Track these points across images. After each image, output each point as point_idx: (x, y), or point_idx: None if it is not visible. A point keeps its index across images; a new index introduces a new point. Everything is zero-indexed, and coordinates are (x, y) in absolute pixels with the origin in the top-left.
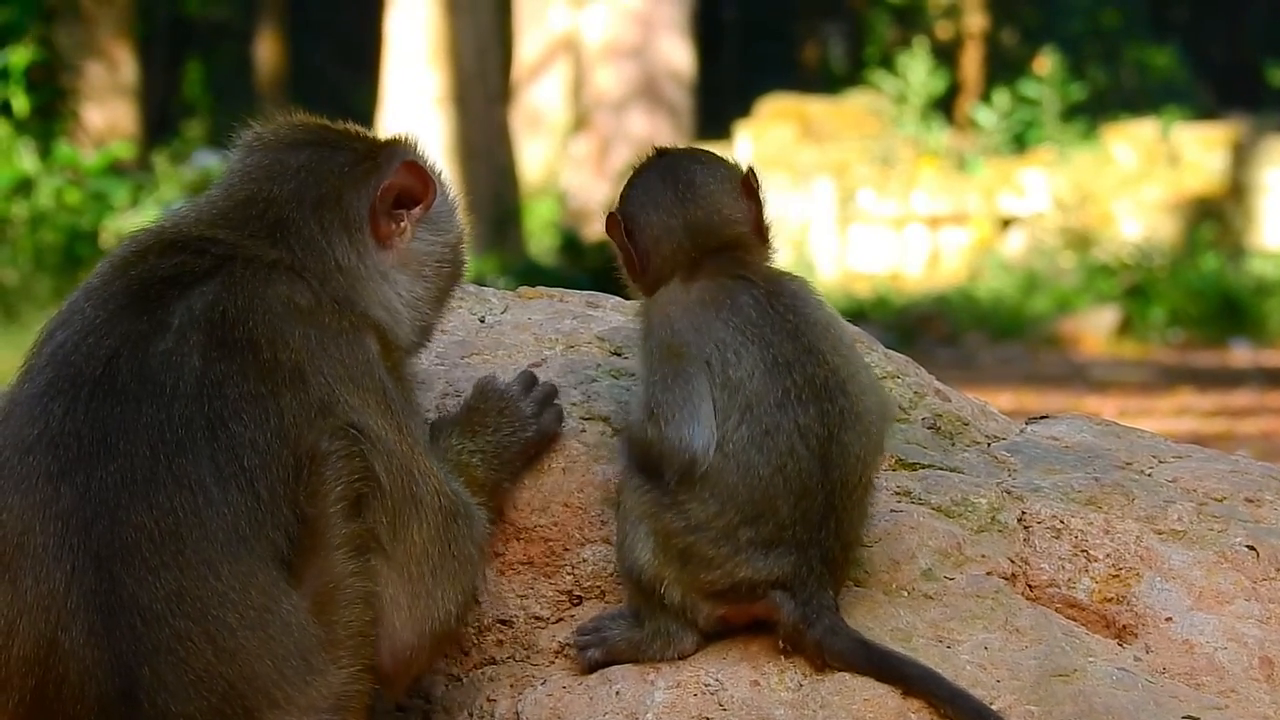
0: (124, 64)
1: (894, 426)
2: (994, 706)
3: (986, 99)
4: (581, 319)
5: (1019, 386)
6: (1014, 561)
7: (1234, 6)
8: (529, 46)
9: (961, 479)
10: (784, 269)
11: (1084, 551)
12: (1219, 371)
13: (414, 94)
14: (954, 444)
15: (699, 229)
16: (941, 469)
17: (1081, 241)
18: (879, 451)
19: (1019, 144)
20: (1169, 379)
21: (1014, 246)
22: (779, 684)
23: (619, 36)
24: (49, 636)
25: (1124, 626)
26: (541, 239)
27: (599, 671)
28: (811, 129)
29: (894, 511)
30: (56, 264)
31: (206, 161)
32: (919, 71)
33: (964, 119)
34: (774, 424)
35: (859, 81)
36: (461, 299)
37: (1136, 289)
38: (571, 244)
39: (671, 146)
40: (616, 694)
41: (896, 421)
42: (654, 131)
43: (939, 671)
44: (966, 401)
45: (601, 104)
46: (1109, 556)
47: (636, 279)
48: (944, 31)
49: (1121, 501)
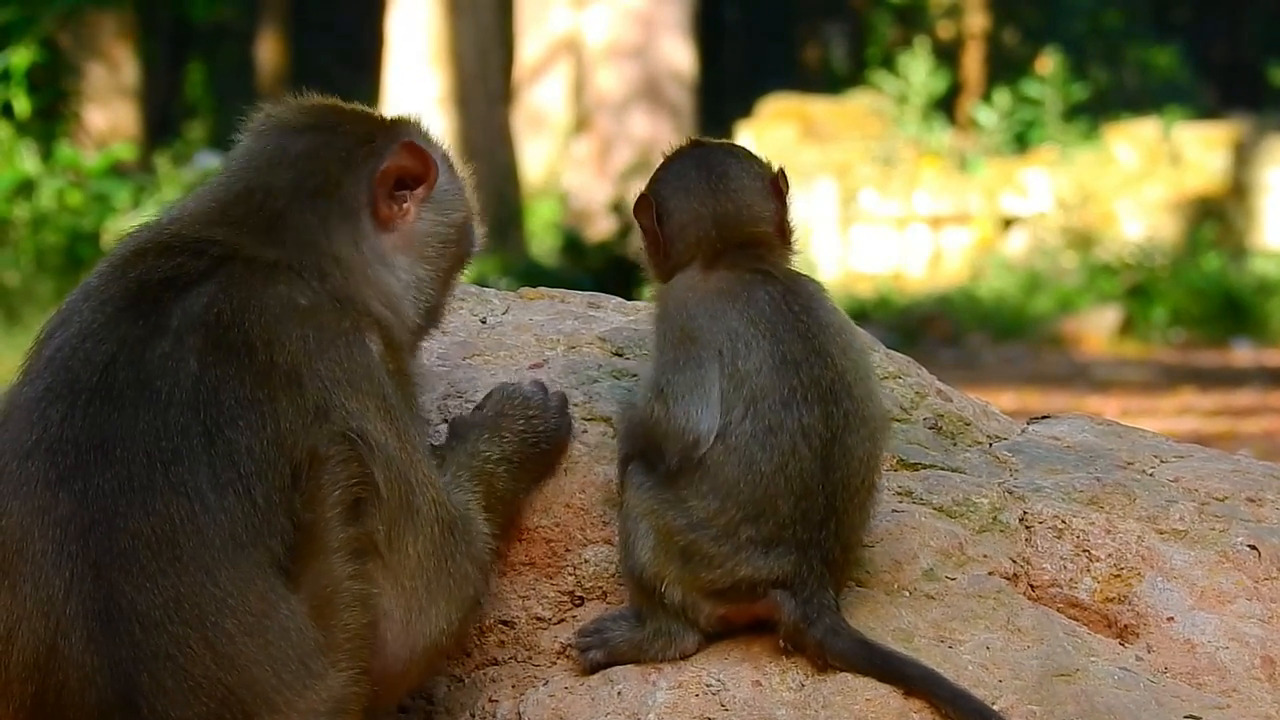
0: (125, 65)
1: (894, 428)
2: (996, 706)
3: (988, 99)
4: (583, 320)
5: (1021, 386)
6: (1016, 561)
7: (1235, 6)
8: (530, 47)
9: (963, 479)
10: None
11: (1086, 551)
12: (1221, 371)
13: (416, 95)
14: (955, 444)
15: (726, 221)
16: (943, 469)
17: (1083, 241)
18: (882, 456)
19: (1020, 144)
20: (1171, 379)
21: (1016, 246)
22: (781, 684)
23: (620, 37)
24: (48, 643)
25: (1126, 626)
26: (543, 240)
27: (601, 672)
28: (813, 129)
29: (895, 512)
30: (58, 265)
31: (208, 163)
32: (920, 71)
33: (965, 119)
34: (778, 422)
35: (860, 82)
36: (463, 299)
37: (1138, 289)
38: (573, 244)
39: (707, 139)
40: (618, 694)
41: (898, 422)
42: (655, 132)
43: (940, 672)
44: (968, 401)
45: (603, 105)
46: (1111, 556)
47: (657, 261)
48: (945, 31)
49: (1123, 501)
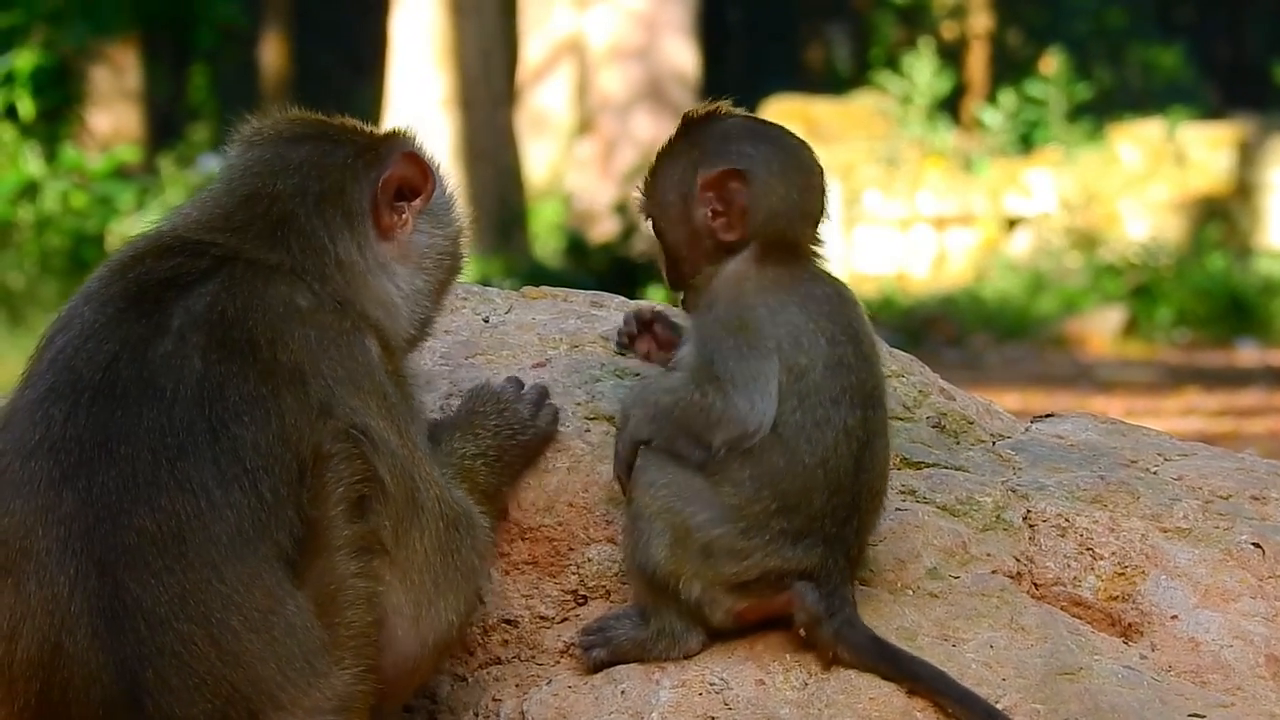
0: (129, 68)
1: (897, 426)
2: (1000, 705)
3: (992, 99)
4: (585, 319)
5: (1025, 387)
6: (1019, 560)
7: (1239, 6)
8: (534, 49)
9: (966, 478)
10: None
11: (1089, 550)
12: (1225, 371)
13: (419, 96)
14: (959, 442)
15: (808, 218)
16: (946, 468)
17: (1088, 242)
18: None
19: (1025, 144)
20: (1175, 379)
21: (1020, 247)
22: (784, 683)
23: (624, 39)
24: (53, 641)
25: (1130, 624)
26: (547, 241)
27: (604, 671)
28: (817, 130)
29: (899, 510)
30: (62, 268)
31: (212, 165)
32: (924, 72)
33: (970, 119)
34: (825, 418)
35: (864, 82)
36: (465, 299)
37: (1143, 289)
38: (577, 246)
39: (771, 121)
40: (622, 693)
41: (901, 420)
42: (659, 133)
43: (947, 672)
44: (971, 400)
45: (606, 106)
46: (1114, 555)
47: (716, 235)
48: (949, 32)
49: (1127, 500)
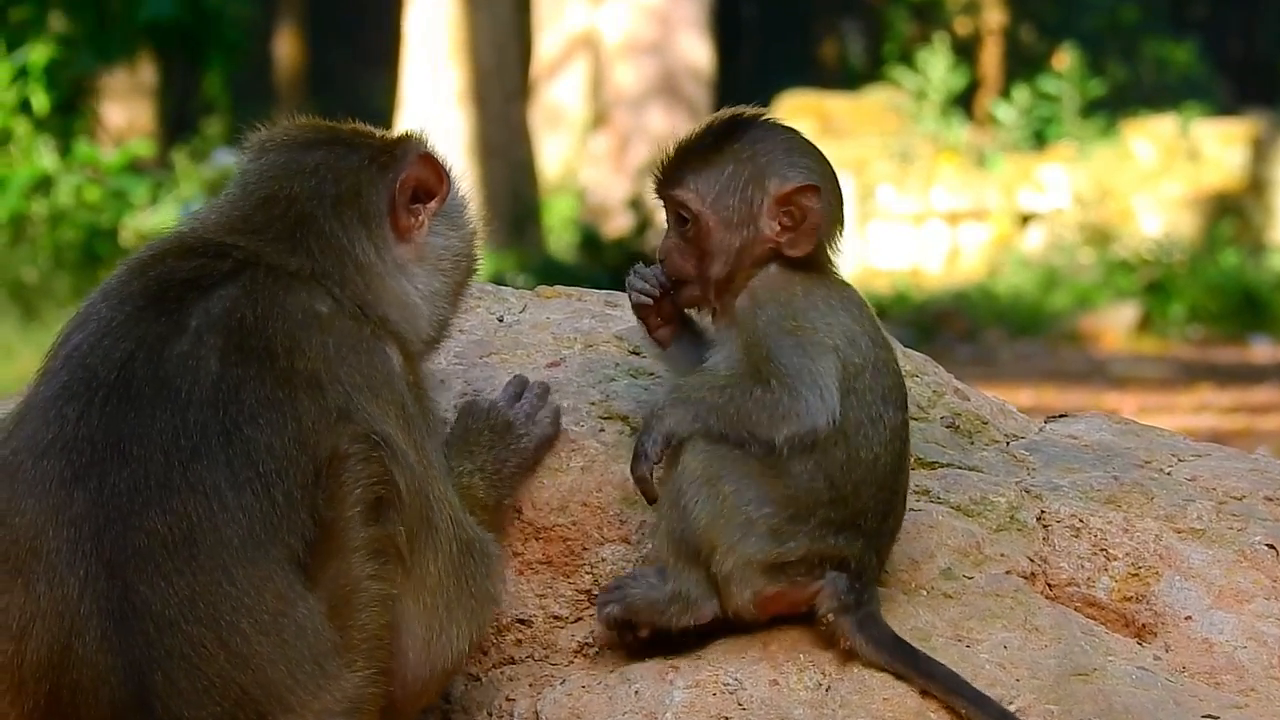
0: (143, 62)
1: (911, 426)
2: (1013, 705)
3: (1006, 95)
4: (600, 318)
5: (1039, 383)
6: (1033, 560)
7: (1253, 3)
8: (548, 44)
9: (980, 478)
10: None
11: (1103, 550)
12: (1239, 367)
13: (433, 91)
14: (973, 443)
15: (840, 231)
16: (960, 468)
17: (1101, 237)
18: None
19: (1038, 140)
20: (1189, 375)
21: (1033, 243)
22: (798, 683)
23: (638, 33)
24: (63, 642)
25: (1143, 625)
26: (561, 236)
27: (618, 671)
28: (831, 125)
29: (913, 510)
30: (76, 262)
31: (226, 160)
32: (938, 67)
33: (983, 115)
34: (878, 415)
35: (878, 78)
36: (480, 298)
37: (1156, 285)
38: (591, 241)
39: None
40: (635, 693)
41: (915, 420)
42: (673, 128)
43: (961, 674)
44: (985, 400)
45: (620, 101)
46: (1128, 555)
47: (782, 249)
48: (963, 27)
49: (1140, 500)
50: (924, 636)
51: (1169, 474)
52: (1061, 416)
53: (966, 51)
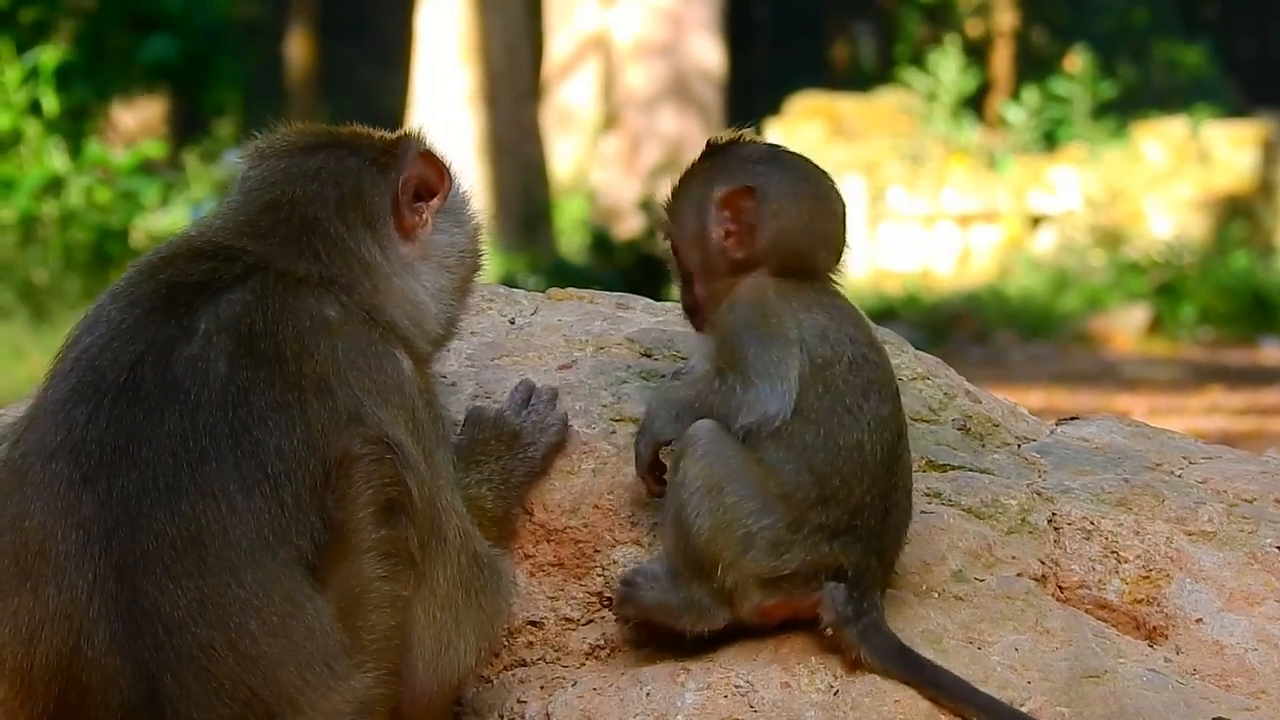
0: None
1: (922, 429)
2: (1024, 708)
3: (1017, 97)
4: (612, 321)
5: (1049, 384)
6: (1044, 563)
7: (1264, 4)
8: (559, 45)
9: (992, 480)
10: None
11: (1114, 553)
12: (1249, 369)
13: (444, 92)
14: (984, 445)
15: (821, 243)
16: (972, 470)
17: (1112, 239)
18: None
19: (1049, 142)
20: (1199, 377)
21: (1044, 244)
22: (810, 685)
23: (649, 35)
24: (71, 645)
25: (1154, 628)
26: (572, 237)
27: (629, 673)
28: (842, 127)
29: (924, 513)
30: (86, 263)
31: (237, 161)
32: (949, 69)
33: (994, 117)
34: (855, 405)
35: (889, 79)
36: (491, 300)
37: (1167, 287)
38: (602, 242)
39: (811, 160)
40: (647, 695)
41: (927, 423)
42: (684, 130)
43: (970, 681)
44: (996, 403)
45: (632, 102)
46: (1139, 558)
47: (727, 251)
48: (974, 29)
49: (1152, 503)
50: (935, 639)
51: (1180, 476)
52: (1072, 419)
53: (978, 53)
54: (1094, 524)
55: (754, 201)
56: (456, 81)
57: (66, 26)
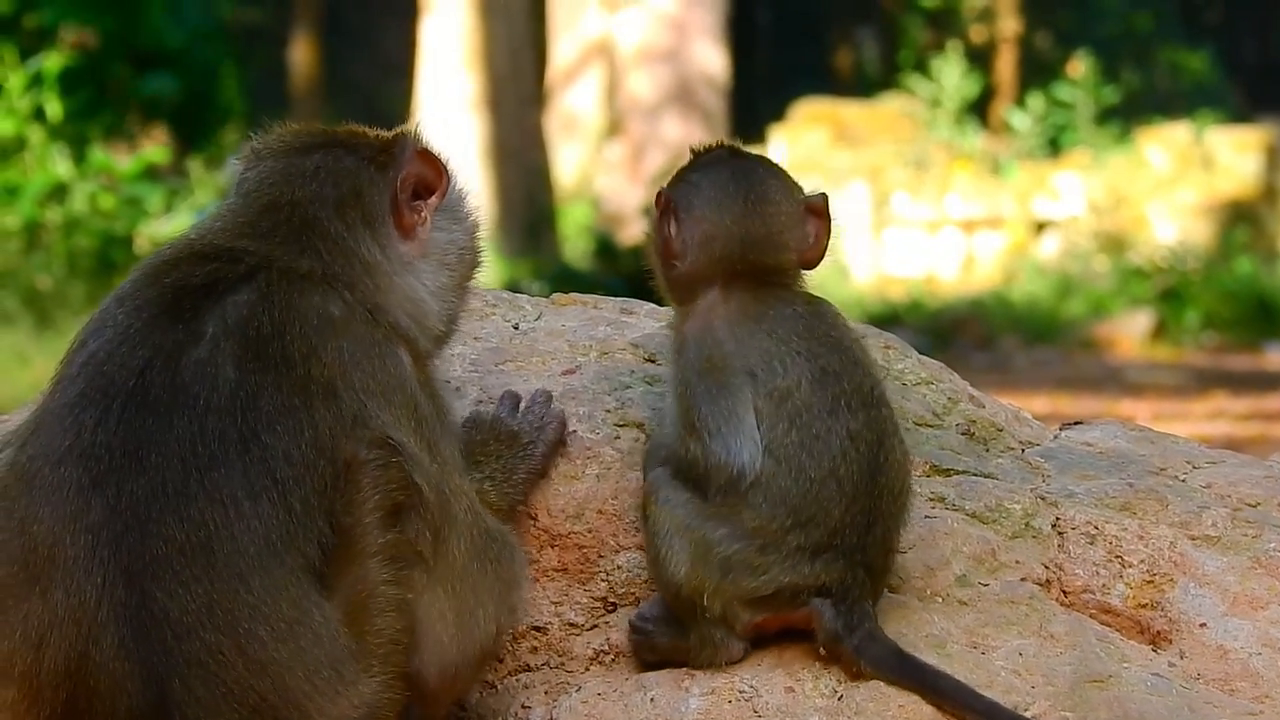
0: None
1: (926, 433)
2: (1029, 712)
3: (1020, 102)
4: (615, 325)
5: (1054, 390)
6: (1048, 567)
7: (1267, 10)
8: (563, 51)
9: (996, 485)
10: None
11: (1118, 557)
12: (1253, 375)
13: (448, 98)
14: (988, 450)
15: (756, 245)
16: (975, 475)
17: (1116, 245)
18: (910, 458)
19: (1053, 147)
20: (1203, 382)
21: (1048, 250)
22: (814, 690)
23: (653, 41)
24: (80, 649)
25: (1158, 632)
26: (576, 243)
27: (634, 678)
28: (845, 133)
29: (928, 518)
30: (91, 269)
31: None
32: (953, 75)
33: (998, 122)
34: (824, 429)
35: (893, 85)
36: (495, 305)
37: (1171, 292)
38: (606, 248)
39: (745, 150)
40: (651, 701)
41: (931, 427)
42: (688, 136)
43: (972, 686)
44: (1000, 407)
45: (636, 108)
46: (1143, 562)
47: (666, 268)
48: (978, 35)
49: (1155, 507)
50: (939, 644)
51: (1184, 481)
52: (1076, 423)
53: (981, 59)
54: (1098, 529)
55: (673, 211)
56: (460, 87)
57: (68, 57)
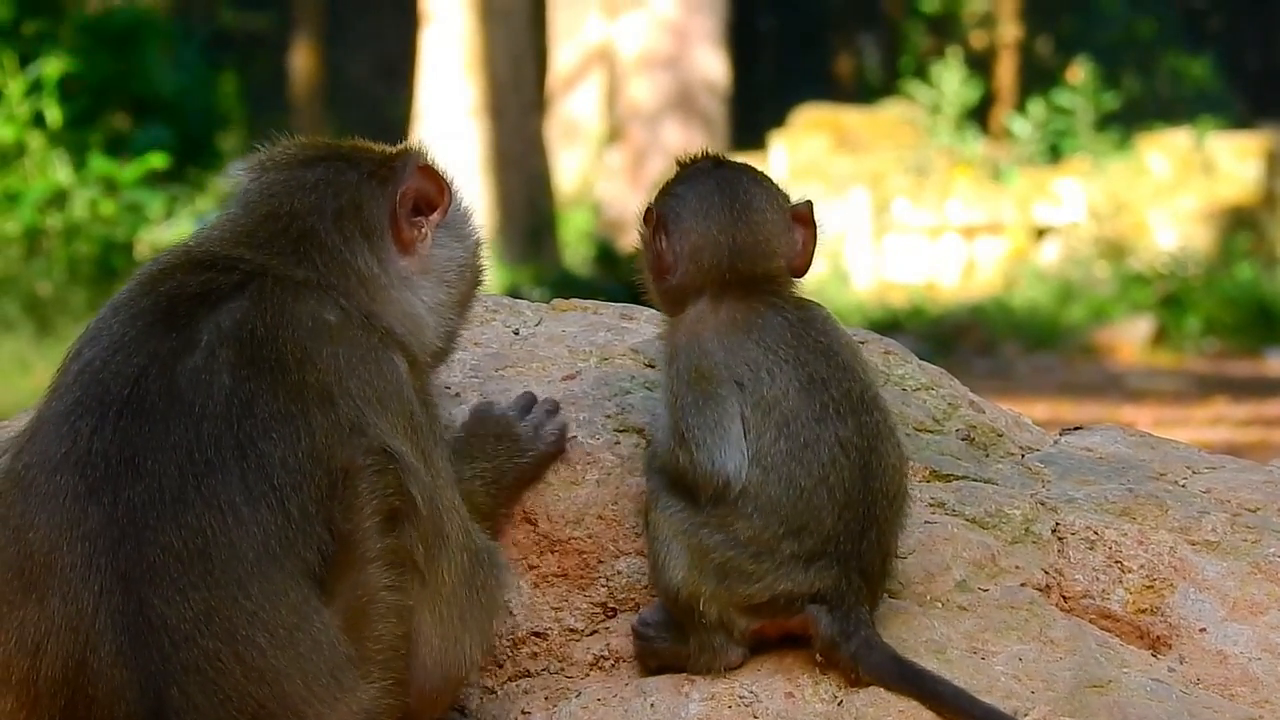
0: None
1: (926, 439)
2: (1028, 718)
3: (1021, 108)
4: (615, 331)
5: (1054, 396)
6: (1048, 573)
7: (1268, 16)
8: (564, 57)
9: (995, 490)
10: (807, 295)
11: (1118, 563)
12: (1254, 381)
13: (449, 105)
14: (988, 455)
15: (743, 254)
16: (975, 480)
17: (1116, 251)
18: (908, 463)
19: (1054, 153)
20: (1204, 388)
21: (1049, 256)
22: (813, 696)
23: (654, 47)
24: (77, 657)
25: (1158, 637)
26: (576, 249)
27: (634, 684)
28: (846, 139)
29: (928, 523)
30: (91, 276)
31: (239, 172)
32: (953, 81)
33: (999, 128)
34: (813, 437)
35: (894, 91)
36: (495, 311)
37: (1171, 298)
38: (606, 254)
39: (730, 160)
40: (651, 706)
41: (930, 433)
42: (689, 142)
43: (971, 692)
44: (1000, 413)
45: (636, 115)
46: (1143, 567)
47: (658, 281)
48: (978, 41)
49: (1155, 512)
50: (939, 649)
51: (1184, 486)
52: (1077, 429)
53: (982, 65)
54: (1098, 534)
55: (661, 226)
56: (461, 94)
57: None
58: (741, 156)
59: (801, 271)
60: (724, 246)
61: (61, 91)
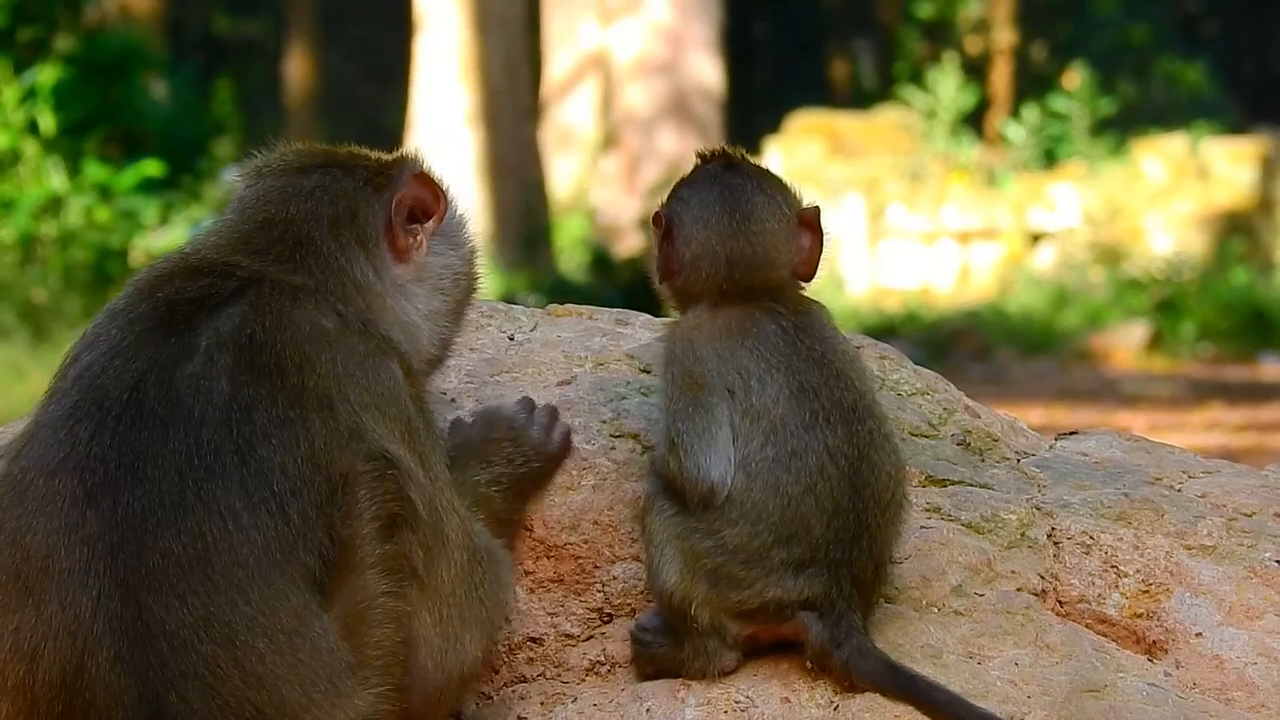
0: (153, 81)
1: (922, 444)
2: None
3: (1016, 114)
4: (611, 336)
5: (1050, 401)
6: (1044, 577)
7: (1264, 22)
8: (559, 64)
9: (991, 495)
10: (810, 296)
11: (1114, 567)
12: (1249, 385)
13: (444, 112)
14: (983, 460)
15: (742, 264)
16: (971, 485)
17: (1111, 256)
18: (906, 471)
19: (1049, 159)
20: (1199, 393)
21: (1044, 261)
22: (809, 701)
23: (649, 53)
24: (75, 662)
25: (1154, 642)
26: (572, 256)
27: (630, 689)
28: (841, 145)
29: (923, 528)
30: (86, 282)
31: (235, 178)
32: (949, 87)
33: (994, 134)
34: (802, 445)
35: (889, 97)
36: (490, 316)
37: (1166, 303)
38: (601, 261)
39: (743, 161)
40: (647, 711)
41: (926, 438)
42: (684, 148)
43: (965, 697)
44: (996, 417)
45: (631, 121)
46: (1139, 572)
47: (667, 282)
48: (974, 47)
49: (1151, 517)
50: (935, 654)
51: (1179, 491)
52: (1072, 434)
53: (977, 70)
54: (1093, 538)
55: (666, 229)
56: (456, 101)
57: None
58: None
59: (808, 277)
60: (721, 258)
61: (56, 99)
